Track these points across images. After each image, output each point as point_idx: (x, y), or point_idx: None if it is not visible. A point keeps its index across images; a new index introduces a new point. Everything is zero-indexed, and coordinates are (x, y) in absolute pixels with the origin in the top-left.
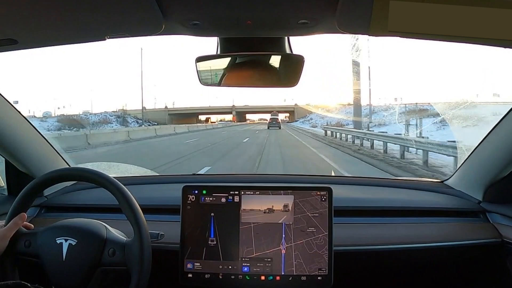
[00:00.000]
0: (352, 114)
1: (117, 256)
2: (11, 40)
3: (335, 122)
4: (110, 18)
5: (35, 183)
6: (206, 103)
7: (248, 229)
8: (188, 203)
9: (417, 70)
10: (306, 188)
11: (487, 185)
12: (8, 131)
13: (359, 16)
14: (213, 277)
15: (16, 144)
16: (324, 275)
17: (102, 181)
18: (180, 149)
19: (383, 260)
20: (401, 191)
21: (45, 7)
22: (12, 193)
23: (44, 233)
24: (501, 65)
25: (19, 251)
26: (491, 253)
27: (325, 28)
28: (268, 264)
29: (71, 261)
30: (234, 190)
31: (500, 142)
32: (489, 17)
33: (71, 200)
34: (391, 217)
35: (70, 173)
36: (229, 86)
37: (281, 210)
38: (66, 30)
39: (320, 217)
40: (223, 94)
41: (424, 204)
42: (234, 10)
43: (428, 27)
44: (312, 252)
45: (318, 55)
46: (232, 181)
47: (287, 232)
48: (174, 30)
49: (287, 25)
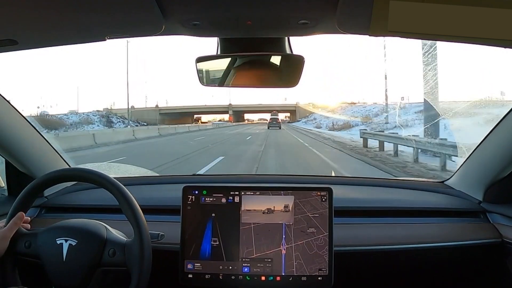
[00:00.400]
0: (358, 114)
1: (117, 257)
2: (11, 41)
3: (342, 123)
4: (110, 19)
5: (35, 184)
6: (203, 102)
7: (249, 229)
8: (188, 203)
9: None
10: (307, 188)
11: (487, 185)
12: (8, 132)
13: (359, 16)
14: (214, 278)
15: (16, 144)
16: (325, 275)
17: (102, 181)
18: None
19: (383, 260)
20: (401, 191)
21: (45, 7)
22: (12, 194)
23: (44, 233)
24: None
25: (19, 251)
26: (491, 253)
27: (325, 28)
28: (268, 264)
29: (71, 262)
30: (234, 191)
31: (500, 142)
32: (489, 17)
33: (71, 201)
34: (391, 217)
35: (70, 173)
36: (229, 86)
37: (281, 210)
38: (66, 30)
39: (320, 218)
40: (220, 93)
41: (424, 204)
42: (234, 11)
43: (428, 27)
44: (313, 253)
45: (320, 50)
46: (232, 181)
47: (287, 233)
48: (174, 30)
49: (287, 25)
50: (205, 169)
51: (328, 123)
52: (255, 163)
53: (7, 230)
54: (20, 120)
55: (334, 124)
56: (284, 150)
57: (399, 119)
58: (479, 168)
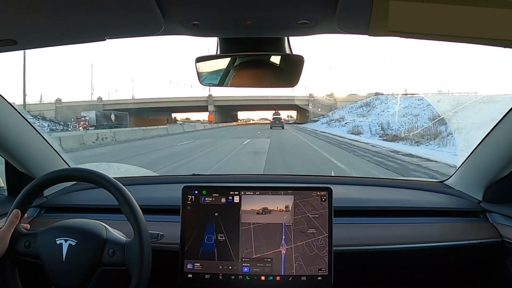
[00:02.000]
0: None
1: (117, 257)
2: (11, 41)
3: (403, 127)
4: (110, 19)
5: (35, 184)
6: (174, 93)
7: (248, 229)
8: (188, 203)
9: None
10: (306, 188)
11: (487, 185)
12: (8, 132)
13: (359, 16)
14: (213, 278)
15: (16, 144)
16: (324, 275)
17: (102, 181)
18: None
19: (383, 260)
20: (401, 191)
21: (45, 7)
22: (12, 194)
23: (44, 233)
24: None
25: (19, 251)
26: (491, 253)
27: (325, 28)
28: (268, 264)
29: (71, 262)
30: (234, 191)
31: (500, 142)
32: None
33: (71, 201)
34: (391, 217)
35: (70, 173)
36: (229, 86)
37: (281, 210)
38: (66, 30)
39: (320, 218)
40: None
41: (424, 204)
42: (234, 11)
43: (428, 27)
44: (313, 254)
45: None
46: (232, 181)
47: (287, 234)
48: (174, 30)
49: (286, 25)
50: None
51: (373, 126)
52: None
53: (5, 229)
54: (20, 120)
55: (385, 128)
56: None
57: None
58: (478, 167)
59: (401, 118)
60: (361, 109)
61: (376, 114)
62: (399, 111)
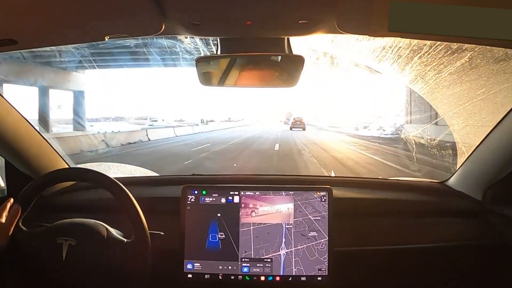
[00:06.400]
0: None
1: (117, 257)
2: (11, 40)
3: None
4: (110, 19)
5: (35, 184)
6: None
7: (248, 229)
8: (188, 203)
9: None
10: (306, 188)
11: (487, 185)
12: (8, 132)
13: (359, 16)
14: (213, 278)
15: (16, 144)
16: (324, 276)
17: (102, 181)
18: None
19: (383, 260)
20: (402, 192)
21: (45, 7)
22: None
23: (44, 233)
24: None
25: (19, 250)
26: (491, 253)
27: (324, 28)
28: (268, 265)
29: (71, 261)
30: (234, 191)
31: (500, 142)
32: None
33: (71, 200)
34: (391, 217)
35: (70, 173)
36: (229, 86)
37: (281, 211)
38: (66, 30)
39: (321, 220)
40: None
41: (424, 205)
42: (234, 11)
43: (428, 27)
44: (313, 258)
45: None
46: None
47: (287, 236)
48: (174, 30)
49: (286, 25)
50: None
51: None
52: None
53: (7, 224)
54: (20, 120)
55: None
56: None
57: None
58: (479, 168)
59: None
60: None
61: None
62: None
